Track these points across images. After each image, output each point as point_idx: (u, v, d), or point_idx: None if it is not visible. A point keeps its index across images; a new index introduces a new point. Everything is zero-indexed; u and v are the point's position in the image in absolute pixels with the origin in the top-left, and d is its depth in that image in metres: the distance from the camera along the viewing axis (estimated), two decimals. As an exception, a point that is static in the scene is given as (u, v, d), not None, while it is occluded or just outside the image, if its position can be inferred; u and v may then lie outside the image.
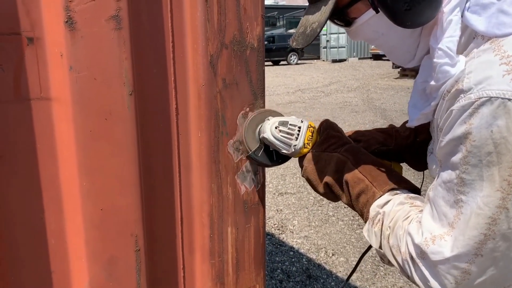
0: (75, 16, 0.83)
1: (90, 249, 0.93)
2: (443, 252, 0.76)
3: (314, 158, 1.05)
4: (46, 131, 0.88)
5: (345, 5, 0.89)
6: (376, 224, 0.93)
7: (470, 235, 0.72)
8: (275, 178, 5.31)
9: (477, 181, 0.72)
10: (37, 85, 0.85)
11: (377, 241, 0.93)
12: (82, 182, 0.90)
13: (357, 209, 0.99)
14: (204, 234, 1.06)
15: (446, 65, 0.78)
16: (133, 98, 0.90)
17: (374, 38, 0.94)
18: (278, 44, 25.18)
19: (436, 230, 0.78)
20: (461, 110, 0.73)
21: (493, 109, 0.69)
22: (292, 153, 1.07)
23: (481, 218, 0.71)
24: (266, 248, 3.54)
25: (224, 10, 0.99)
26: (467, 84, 0.73)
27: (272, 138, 1.05)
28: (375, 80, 15.42)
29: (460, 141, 0.73)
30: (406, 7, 0.79)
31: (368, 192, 0.96)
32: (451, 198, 0.76)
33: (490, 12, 0.76)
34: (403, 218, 0.87)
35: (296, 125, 1.06)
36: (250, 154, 1.07)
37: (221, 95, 1.03)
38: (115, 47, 0.87)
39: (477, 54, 0.77)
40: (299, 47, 0.92)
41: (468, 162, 0.72)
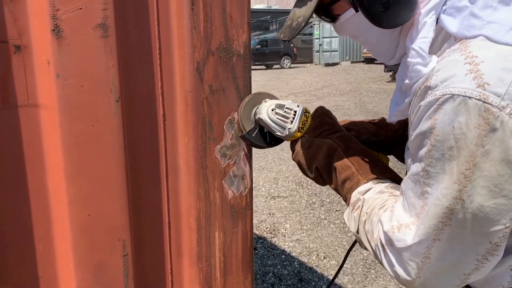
0: (62, 24, 0.84)
1: (77, 254, 0.94)
2: (406, 240, 0.80)
3: (306, 142, 1.08)
4: (33, 138, 0.89)
5: (329, 2, 0.93)
6: (356, 209, 0.97)
7: (429, 223, 0.77)
8: (267, 181, 5.33)
9: (440, 174, 0.76)
10: (25, 92, 0.86)
11: (355, 226, 0.97)
12: (69, 188, 0.91)
13: (342, 194, 1.04)
14: (192, 239, 1.08)
15: (418, 65, 0.82)
16: (120, 105, 0.91)
17: (357, 35, 0.98)
18: (271, 48, 25.24)
19: (404, 219, 0.82)
20: (427, 106, 0.77)
21: (455, 106, 0.72)
22: (285, 136, 1.09)
23: (439, 208, 0.76)
24: (258, 252, 3.54)
25: (210, 18, 1.00)
26: (434, 81, 0.77)
27: (268, 120, 1.07)
28: (367, 83, 15.50)
29: (425, 135, 0.77)
30: (381, 9, 0.83)
31: (353, 179, 0.99)
32: (418, 190, 0.80)
33: (463, 14, 0.80)
34: (379, 206, 0.92)
35: (292, 109, 1.09)
36: (244, 134, 1.09)
37: (208, 101, 1.04)
38: (102, 54, 0.88)
39: (447, 54, 0.81)
40: (286, 39, 0.96)
41: (432, 155, 0.76)
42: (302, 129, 1.09)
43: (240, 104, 1.10)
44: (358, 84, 15.28)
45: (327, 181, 1.06)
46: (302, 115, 1.09)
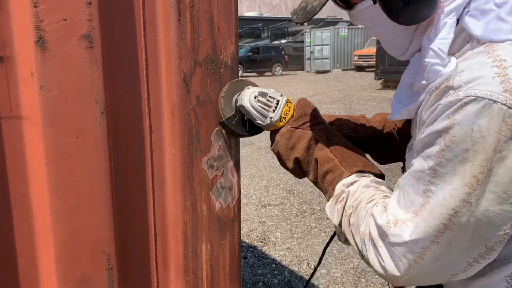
0: (46, 36, 0.83)
1: (61, 268, 0.92)
2: (403, 236, 0.79)
3: (287, 132, 1.07)
4: (16, 150, 0.87)
5: None
6: (339, 202, 0.96)
7: (431, 223, 0.76)
8: (258, 189, 5.31)
9: (449, 174, 0.75)
10: (7, 103, 0.85)
11: (338, 218, 0.96)
12: (53, 201, 0.89)
13: (322, 186, 1.03)
14: (178, 251, 1.06)
15: (437, 65, 0.81)
16: (105, 116, 0.90)
17: (371, 26, 0.96)
18: (262, 55, 25.35)
19: (400, 215, 0.82)
20: (447, 105, 0.75)
21: (478, 108, 0.71)
22: (266, 125, 1.08)
23: (444, 209, 0.75)
24: (249, 261, 3.52)
25: (197, 28, 1.00)
26: (458, 82, 0.75)
27: (250, 107, 1.05)
28: (358, 91, 15.60)
29: (440, 134, 0.76)
30: (400, 4, 0.81)
31: (336, 171, 0.99)
32: (421, 187, 0.79)
33: (488, 18, 0.79)
34: (367, 200, 0.91)
35: (275, 98, 1.07)
36: (223, 121, 1.07)
37: (195, 112, 1.03)
38: (87, 66, 0.87)
39: (470, 55, 0.80)
40: (298, 21, 0.94)
41: (444, 155, 0.75)
42: (284, 119, 1.08)
43: (221, 90, 1.07)
44: (349, 92, 15.37)
45: (306, 173, 1.05)
46: (285, 105, 1.07)
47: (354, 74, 23.58)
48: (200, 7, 0.99)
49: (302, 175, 1.09)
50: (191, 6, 0.98)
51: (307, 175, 1.06)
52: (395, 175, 5.14)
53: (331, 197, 1.00)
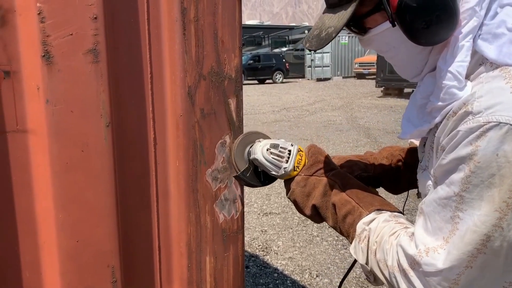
0: (52, 50, 0.84)
1: (65, 281, 0.92)
2: (436, 264, 0.78)
3: (302, 181, 1.08)
4: (22, 163, 0.88)
5: (363, 14, 0.91)
6: (362, 240, 0.95)
7: (464, 250, 0.76)
8: (260, 198, 5.31)
9: (476, 200, 0.75)
10: (13, 117, 0.86)
11: (363, 257, 0.95)
12: (58, 214, 0.90)
13: (343, 230, 1.02)
14: (182, 264, 1.06)
15: (454, 88, 0.82)
16: (110, 130, 0.91)
17: (385, 50, 0.96)
18: (263, 63, 25.43)
19: (430, 243, 0.81)
20: (468, 132, 0.75)
21: (502, 134, 0.72)
22: (281, 175, 1.09)
23: (476, 235, 0.75)
24: (250, 270, 3.51)
25: (202, 42, 1.01)
26: (477, 108, 0.75)
27: (264, 160, 1.07)
28: (359, 98, 15.62)
29: (463, 160, 0.76)
30: (423, 26, 0.81)
31: (355, 213, 0.99)
32: (448, 214, 0.79)
33: (501, 41, 0.80)
34: (389, 233, 0.91)
35: (287, 148, 1.09)
36: (239, 175, 1.09)
37: (199, 125, 1.04)
38: (93, 80, 0.88)
39: (485, 79, 0.80)
40: (312, 49, 0.93)
41: (470, 181, 0.75)
42: (297, 168, 1.09)
43: (233, 144, 1.10)
44: (349, 99, 15.39)
45: (325, 218, 1.06)
46: (297, 154, 1.09)
47: (355, 81, 23.64)
48: (204, 21, 1.00)
49: (321, 221, 1.09)
50: (195, 20, 0.99)
51: (326, 220, 1.06)
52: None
53: (353, 238, 0.99)
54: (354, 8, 0.88)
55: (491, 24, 0.82)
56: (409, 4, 0.81)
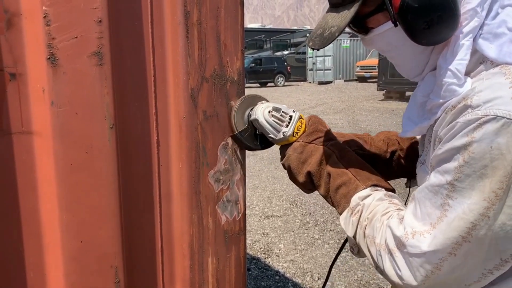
0: (57, 53, 0.85)
1: (69, 281, 0.93)
2: (421, 246, 0.82)
3: (299, 147, 1.10)
4: (27, 165, 0.89)
5: (366, 14, 0.93)
6: (355, 214, 0.98)
7: (450, 235, 0.79)
8: (261, 201, 5.31)
9: (467, 189, 0.78)
10: (19, 119, 0.87)
11: (352, 230, 0.98)
12: (62, 215, 0.91)
13: (334, 199, 1.04)
14: (185, 265, 1.07)
15: (454, 85, 0.84)
16: (114, 131, 0.92)
17: (387, 50, 0.98)
18: (265, 66, 25.47)
19: (418, 227, 0.84)
20: (466, 123, 0.78)
21: (498, 127, 0.75)
22: (279, 139, 1.10)
23: (463, 222, 0.78)
24: (252, 273, 3.51)
25: (204, 45, 1.02)
26: (476, 101, 0.78)
27: (264, 121, 1.08)
28: (361, 102, 15.63)
29: (458, 151, 0.79)
30: (425, 26, 0.83)
31: (350, 185, 1.01)
32: (438, 201, 0.82)
33: (501, 41, 0.83)
34: (381, 212, 0.93)
35: (288, 113, 1.10)
36: (236, 134, 1.09)
37: (202, 127, 1.05)
38: (97, 82, 0.89)
39: (486, 76, 0.83)
40: (316, 47, 0.95)
41: (463, 171, 0.78)
42: (297, 134, 1.10)
43: (235, 104, 1.10)
44: (351, 103, 15.40)
45: (317, 186, 1.08)
46: (298, 121, 1.10)
47: (357, 84, 23.64)
48: (207, 25, 1.01)
49: (312, 189, 1.11)
50: (198, 23, 1.00)
51: (318, 189, 1.08)
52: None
53: (344, 209, 1.01)
54: (357, 8, 0.90)
55: (492, 24, 0.84)
56: (411, 5, 0.82)
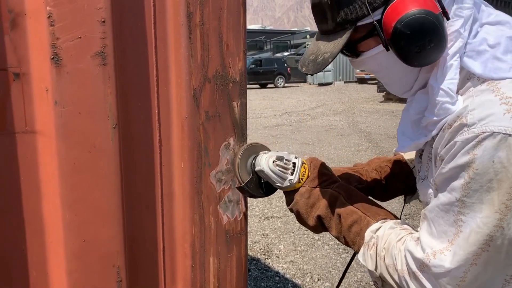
0: (61, 53, 0.86)
1: (71, 280, 0.93)
2: (444, 265, 0.85)
3: (306, 192, 1.12)
4: (30, 164, 0.89)
5: (356, 40, 0.97)
6: (371, 247, 1.01)
7: (469, 250, 0.82)
8: (261, 202, 5.31)
9: (477, 203, 0.81)
10: (22, 119, 0.87)
11: (372, 263, 1.00)
12: (65, 214, 0.91)
13: (349, 239, 1.07)
14: (186, 264, 1.07)
15: (447, 103, 0.89)
16: (116, 131, 0.92)
17: (376, 70, 1.03)
18: (265, 68, 25.49)
19: (436, 246, 0.87)
20: (465, 142, 0.82)
21: (496, 142, 0.79)
22: (286, 187, 1.12)
23: (480, 236, 0.81)
24: (252, 274, 3.52)
25: (207, 46, 1.02)
26: (471, 120, 0.83)
27: (270, 172, 1.09)
28: (360, 103, 15.64)
29: (462, 169, 0.82)
30: (417, 50, 0.88)
31: (362, 222, 1.04)
32: (451, 218, 0.85)
33: (484, 57, 0.88)
34: (396, 240, 0.96)
35: (291, 161, 1.12)
36: (243, 186, 1.11)
37: (204, 127, 1.05)
38: (100, 82, 0.89)
39: (475, 93, 0.87)
40: (309, 73, 0.99)
41: (470, 187, 0.82)
42: (302, 180, 1.13)
43: (236, 156, 1.12)
44: (351, 104, 15.41)
45: (329, 228, 1.10)
46: (301, 167, 1.12)
47: (356, 86, 23.65)
48: (210, 25, 1.02)
49: (322, 231, 1.14)
50: (201, 24, 1.01)
51: (329, 230, 1.11)
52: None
53: (360, 246, 1.04)
54: (349, 35, 0.94)
55: (473, 42, 0.90)
56: (403, 31, 0.86)
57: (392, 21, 0.87)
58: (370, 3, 0.90)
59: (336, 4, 0.92)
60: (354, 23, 0.93)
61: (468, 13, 0.90)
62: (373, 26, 0.92)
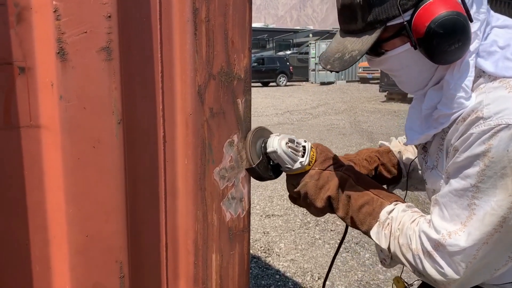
0: (66, 47, 0.85)
1: (74, 275, 0.93)
2: (459, 244, 0.91)
3: (316, 174, 1.15)
4: (34, 158, 0.89)
5: (383, 39, 1.00)
6: (386, 227, 1.07)
7: (484, 230, 0.89)
8: (262, 200, 5.31)
9: (491, 188, 0.88)
10: (27, 113, 0.87)
11: (386, 242, 1.06)
12: (68, 209, 0.91)
13: (357, 219, 1.11)
14: (189, 261, 1.07)
15: (462, 98, 0.95)
16: (121, 127, 0.92)
17: (396, 69, 1.07)
18: (267, 66, 25.45)
19: (450, 227, 0.94)
20: (481, 133, 0.89)
21: (510, 133, 0.86)
22: (296, 169, 1.14)
23: (495, 217, 0.88)
24: (252, 272, 3.52)
25: (212, 42, 1.02)
26: (487, 113, 0.89)
27: (282, 153, 1.11)
28: (362, 103, 15.63)
29: (478, 157, 0.89)
30: (446, 48, 0.93)
31: (375, 203, 1.10)
32: (464, 202, 0.92)
33: (495, 58, 0.96)
34: (410, 221, 1.03)
35: (301, 144, 1.16)
36: (254, 167, 1.12)
37: (208, 124, 1.05)
38: (105, 77, 0.89)
39: (488, 90, 0.94)
40: (335, 70, 1.02)
41: (485, 174, 0.89)
42: (311, 163, 1.15)
43: (247, 138, 1.13)
44: (353, 103, 15.40)
45: (336, 209, 1.14)
46: (311, 150, 1.15)
47: (359, 86, 23.64)
48: (215, 22, 1.02)
49: (326, 213, 1.18)
50: (206, 20, 1.00)
51: (336, 211, 1.15)
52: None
53: (371, 225, 1.09)
54: (379, 33, 0.97)
55: (485, 43, 0.97)
56: (436, 31, 0.91)
57: (426, 21, 0.92)
58: (401, 4, 0.94)
59: (368, 5, 0.96)
60: (385, 23, 0.97)
61: (483, 17, 0.97)
62: (402, 26, 0.96)
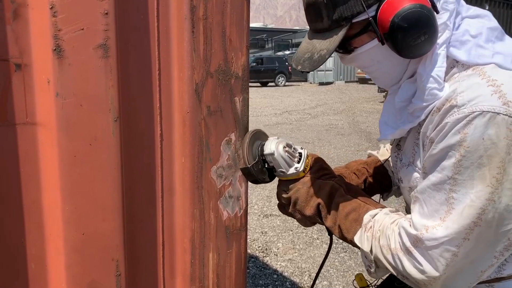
0: (63, 44, 0.85)
1: (70, 273, 0.93)
2: (437, 238, 0.89)
3: (308, 182, 1.16)
4: (30, 155, 0.89)
5: (351, 36, 1.01)
6: (368, 230, 1.05)
7: (463, 223, 0.86)
8: (260, 199, 5.31)
9: (468, 180, 0.86)
10: (23, 110, 0.87)
11: (368, 244, 1.04)
12: (64, 207, 0.90)
13: (344, 227, 1.10)
14: (186, 259, 1.07)
15: (435, 89, 0.94)
16: (118, 124, 0.92)
17: (368, 65, 1.07)
18: (266, 66, 25.46)
19: (429, 223, 0.91)
20: (455, 122, 0.86)
21: (485, 120, 0.84)
22: (290, 174, 1.14)
23: (473, 209, 0.86)
24: (250, 271, 3.51)
25: (210, 40, 1.02)
26: (461, 101, 0.87)
27: (279, 156, 1.11)
28: (361, 103, 15.63)
29: (453, 148, 0.86)
30: (412, 42, 0.93)
31: (361, 209, 1.09)
32: (442, 197, 0.89)
33: (468, 46, 0.95)
34: (390, 222, 1.02)
35: (297, 150, 1.16)
36: (249, 168, 1.11)
37: (205, 122, 1.05)
38: (102, 74, 0.89)
39: (461, 78, 0.93)
40: (306, 70, 1.03)
41: (462, 165, 0.86)
42: (306, 170, 1.16)
43: (244, 139, 1.12)
44: (351, 104, 15.40)
45: (325, 218, 1.13)
46: (307, 157, 1.15)
47: (357, 86, 23.64)
48: (213, 20, 1.01)
49: (313, 223, 1.18)
50: (204, 18, 1.00)
51: (324, 220, 1.14)
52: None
53: (355, 232, 1.07)
54: (345, 32, 0.98)
55: (457, 33, 0.97)
56: (400, 25, 0.91)
57: (389, 15, 0.92)
58: (365, 0, 0.94)
59: (332, 3, 0.96)
60: (350, 20, 0.97)
61: (452, 7, 0.97)
62: (368, 22, 0.96)
